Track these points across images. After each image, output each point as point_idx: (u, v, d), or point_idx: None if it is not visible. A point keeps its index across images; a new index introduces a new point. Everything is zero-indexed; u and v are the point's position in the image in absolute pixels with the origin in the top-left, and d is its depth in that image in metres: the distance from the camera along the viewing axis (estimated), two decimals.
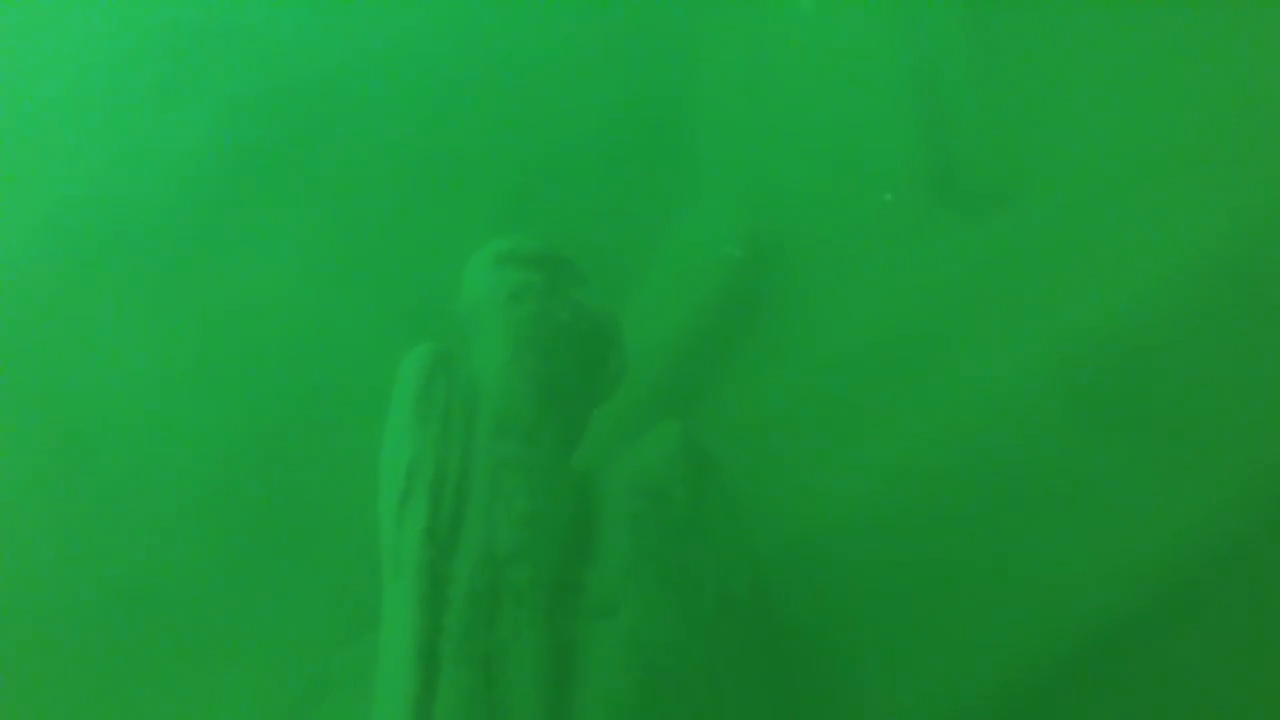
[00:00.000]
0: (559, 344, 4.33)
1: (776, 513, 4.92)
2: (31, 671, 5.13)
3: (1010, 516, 4.83)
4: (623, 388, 4.71)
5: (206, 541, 5.49)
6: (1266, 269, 4.96)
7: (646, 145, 6.26)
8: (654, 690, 3.96)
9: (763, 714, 4.37)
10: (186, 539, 5.52)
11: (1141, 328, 4.99)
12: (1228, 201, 5.15)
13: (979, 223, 5.67)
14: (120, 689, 5.16)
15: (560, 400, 4.29)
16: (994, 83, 6.11)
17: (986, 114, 5.99)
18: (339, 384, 5.66)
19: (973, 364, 5.21)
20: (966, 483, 4.95)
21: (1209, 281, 4.94)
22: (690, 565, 4.34)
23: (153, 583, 5.43)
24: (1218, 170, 5.25)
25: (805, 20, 6.51)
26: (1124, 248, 5.29)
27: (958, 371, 5.21)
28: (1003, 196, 5.72)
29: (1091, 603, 4.60)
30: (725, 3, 6.77)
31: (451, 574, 3.89)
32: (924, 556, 4.94)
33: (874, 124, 6.08)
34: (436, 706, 3.72)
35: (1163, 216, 5.23)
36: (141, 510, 5.63)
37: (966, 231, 5.66)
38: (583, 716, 3.81)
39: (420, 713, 3.69)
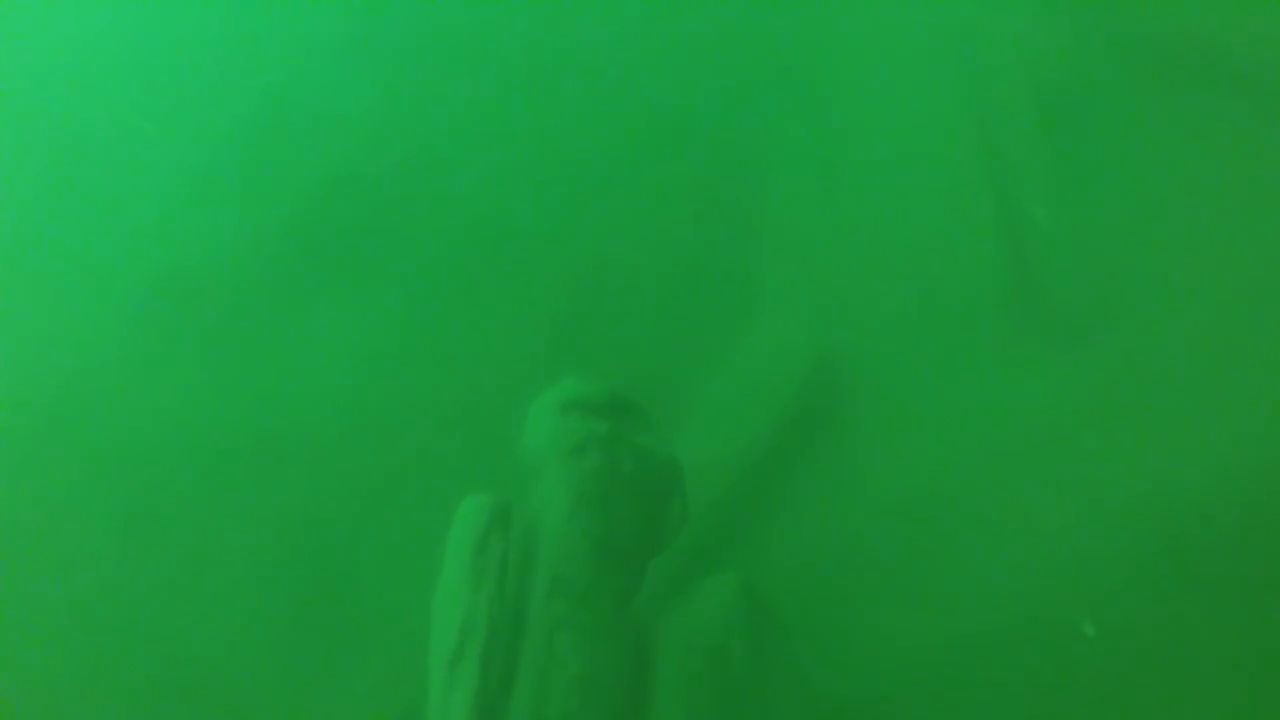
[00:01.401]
0: (621, 498, 4.23)
1: (841, 668, 4.73)
2: None
3: (1087, 689, 4.57)
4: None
5: (246, 632, 5.46)
6: None
7: (711, 259, 6.14)
8: None
9: None
10: (228, 627, 5.49)
11: (1237, 489, 4.68)
12: None
13: (1061, 356, 5.42)
14: None
15: (618, 555, 4.19)
16: (1084, 204, 5.86)
17: (1073, 237, 5.75)
18: (390, 499, 5.63)
19: (1051, 513, 4.96)
20: (1043, 645, 4.70)
21: None
22: None
23: (189, 668, 5.43)
24: None
25: (897, 175, 6.32)
26: (1222, 394, 4.98)
27: (1034, 520, 4.96)
28: (1087, 328, 5.45)
29: None
30: (797, 116, 6.65)
31: None
32: (993, 712, 4.71)
33: (952, 244, 5.88)
34: None
35: (1261, 374, 4.91)
36: (186, 594, 5.62)
37: (1047, 365, 5.41)
38: None
39: None
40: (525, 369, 5.53)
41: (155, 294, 6.69)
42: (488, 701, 3.85)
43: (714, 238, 6.29)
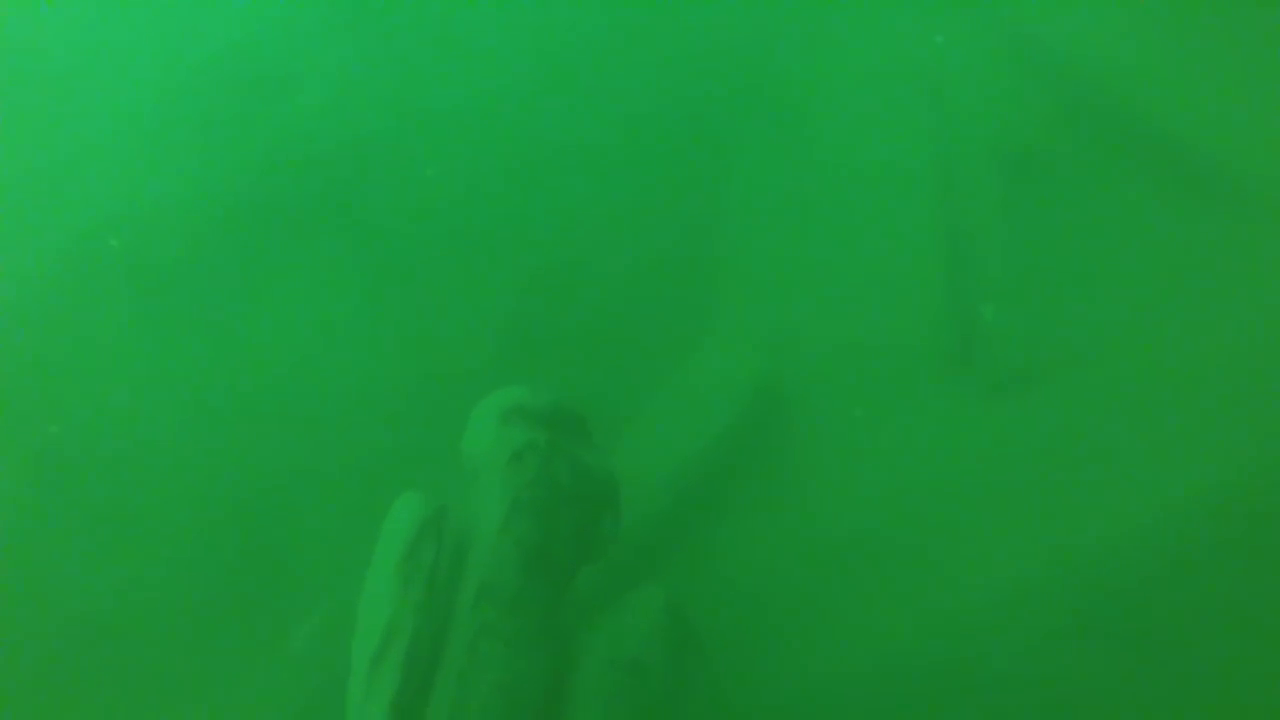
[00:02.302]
0: (556, 509, 4.26)
1: (758, 690, 4.81)
2: None
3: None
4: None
5: (166, 596, 5.39)
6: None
7: (665, 277, 6.19)
8: None
9: None
10: (149, 589, 5.41)
11: (1149, 550, 4.86)
12: (1258, 431, 5.03)
13: (1001, 400, 5.56)
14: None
15: (548, 565, 4.23)
16: (1028, 263, 6.02)
17: (1020, 289, 5.90)
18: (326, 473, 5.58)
19: (976, 558, 5.09)
20: (959, 684, 4.83)
21: (1224, 516, 4.83)
22: None
23: (116, 616, 5.36)
24: (1251, 397, 5.13)
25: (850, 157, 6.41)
26: (1143, 460, 5.16)
27: (961, 563, 5.09)
28: (1023, 378, 5.60)
29: None
30: (762, 143, 6.71)
31: None
32: None
33: (902, 285, 5.98)
34: None
35: (1187, 435, 5.10)
36: (113, 542, 5.54)
37: (987, 408, 5.55)
38: None
39: None
40: (472, 364, 5.52)
41: (93, 244, 6.53)
42: (406, 704, 3.86)
43: (670, 257, 6.34)
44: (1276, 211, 5.77)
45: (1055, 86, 6.50)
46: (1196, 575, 4.76)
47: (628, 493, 4.63)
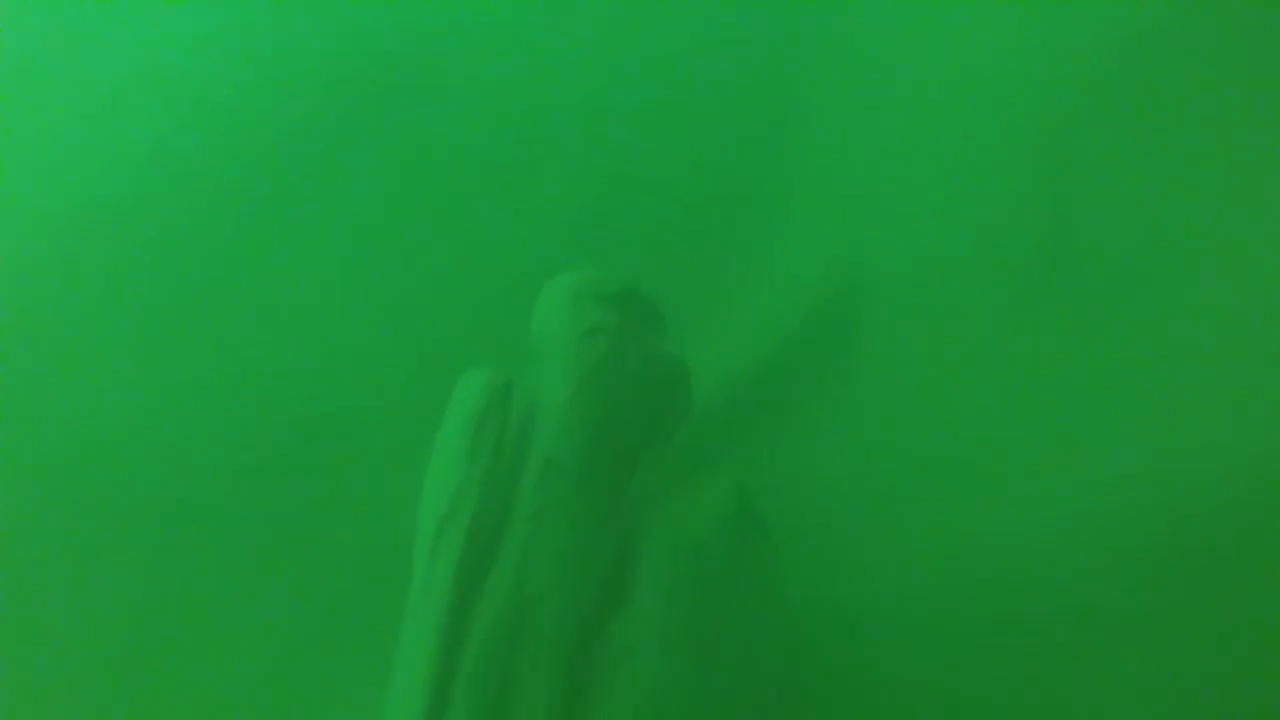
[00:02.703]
0: (623, 390, 4.25)
1: (816, 587, 4.78)
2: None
3: (1050, 644, 4.60)
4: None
5: (236, 526, 5.50)
6: None
7: (739, 179, 6.02)
8: None
9: None
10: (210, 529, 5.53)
11: (1231, 476, 4.63)
12: None
13: (1087, 321, 5.32)
14: (129, 639, 5.26)
15: (613, 444, 4.23)
16: (1136, 166, 5.68)
17: (1106, 209, 5.59)
18: (395, 383, 5.65)
19: (1053, 474, 4.93)
20: (1020, 598, 4.73)
21: None
22: (720, 632, 4.27)
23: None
24: None
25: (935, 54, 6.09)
26: (1230, 386, 4.90)
27: (1035, 478, 4.94)
28: (1107, 300, 5.34)
29: None
30: (844, 44, 6.42)
31: (478, 606, 3.91)
32: (957, 664, 4.74)
33: (990, 192, 5.73)
34: None
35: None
36: (158, 510, 5.63)
37: (1072, 328, 5.32)
38: None
39: None
40: (538, 261, 5.49)
41: (161, 147, 6.53)
42: (470, 568, 3.93)
43: (745, 157, 6.17)
44: None
45: None
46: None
47: (698, 384, 4.58)
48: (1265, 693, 4.34)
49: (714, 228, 5.84)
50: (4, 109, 6.46)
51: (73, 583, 5.36)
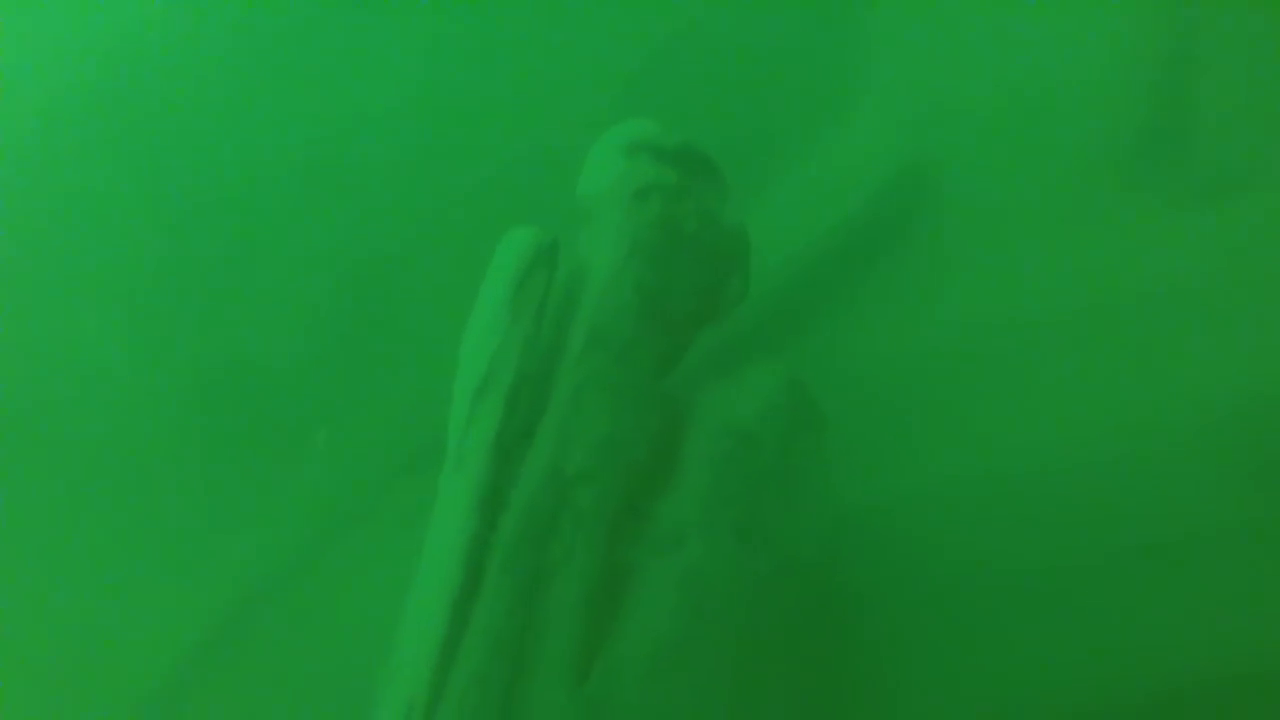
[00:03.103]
0: (678, 257, 3.87)
1: (870, 480, 4.49)
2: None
3: (1122, 550, 4.31)
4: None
5: (286, 338, 5.29)
6: None
7: (808, 41, 5.44)
8: (698, 634, 3.73)
9: (799, 681, 4.13)
10: (269, 333, 5.32)
11: None
12: None
13: (1187, 216, 4.81)
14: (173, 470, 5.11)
15: (664, 318, 3.88)
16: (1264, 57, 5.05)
17: (1242, 90, 4.98)
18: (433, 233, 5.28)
19: (1134, 373, 4.54)
20: (1080, 498, 4.42)
21: None
22: (765, 518, 4.02)
23: (232, 366, 5.33)
24: None
25: None
26: None
27: (1113, 377, 4.56)
28: (1228, 189, 4.80)
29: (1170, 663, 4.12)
30: None
31: (513, 482, 3.66)
32: (1010, 561, 4.49)
33: (1086, 65, 5.13)
34: (475, 610, 3.57)
35: None
36: (232, 296, 5.43)
37: (1168, 222, 4.82)
38: (620, 648, 3.62)
39: (457, 613, 3.55)
40: (590, 117, 5.03)
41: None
42: (507, 441, 3.66)
43: (815, 16, 5.59)
44: None
45: None
46: None
47: (757, 258, 4.19)
48: None
49: (785, 87, 5.31)
50: None
51: (110, 449, 5.17)
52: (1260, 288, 4.54)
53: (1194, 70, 5.04)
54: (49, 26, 6.09)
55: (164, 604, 4.87)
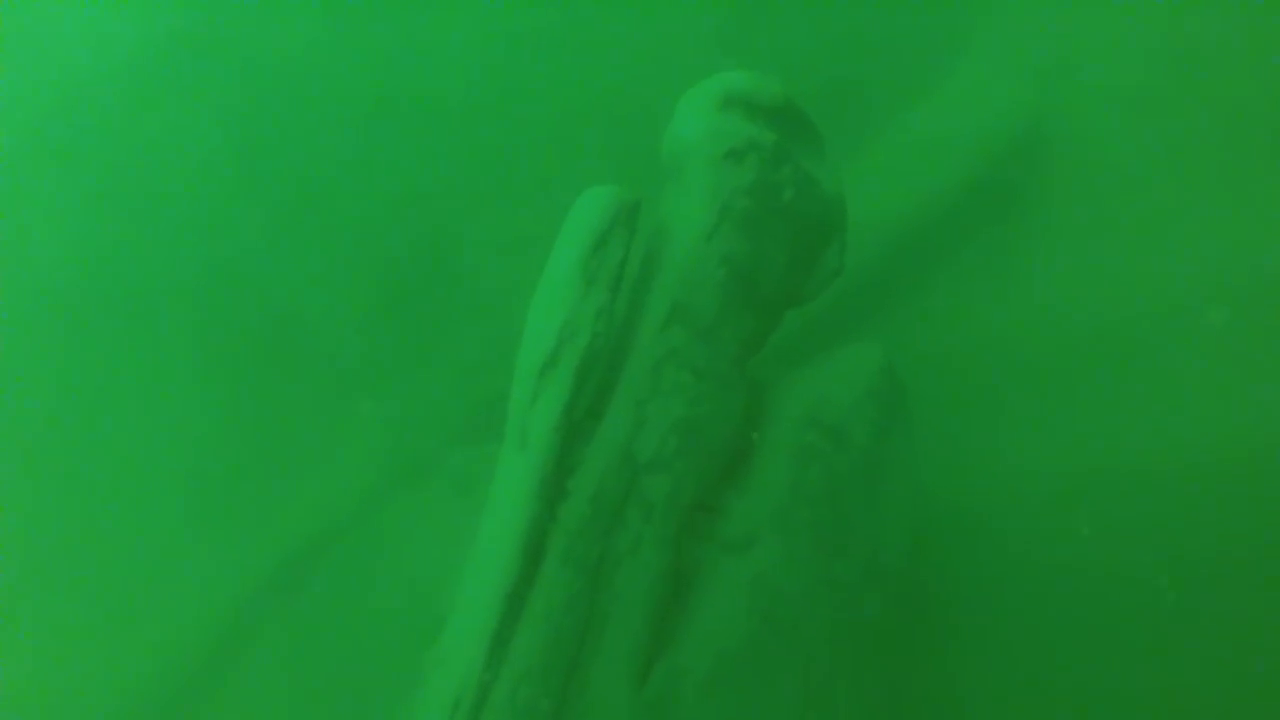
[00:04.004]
0: (773, 226, 3.46)
1: (956, 475, 4.09)
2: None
3: (1212, 560, 3.88)
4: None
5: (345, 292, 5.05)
6: None
7: None
8: (766, 644, 3.41)
9: (875, 700, 3.78)
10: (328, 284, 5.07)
11: None
12: None
13: None
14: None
15: (755, 294, 3.49)
16: None
17: None
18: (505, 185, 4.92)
19: (1251, 376, 4.05)
20: (1193, 504, 3.98)
21: None
22: (848, 520, 3.65)
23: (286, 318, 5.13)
24: None
25: None
26: None
27: (1227, 377, 4.07)
28: None
29: None
30: None
31: (580, 464, 3.33)
32: (1104, 567, 4.11)
33: (1229, 28, 4.54)
34: (530, 602, 3.27)
35: None
36: (291, 238, 5.21)
37: None
38: (683, 652, 3.31)
39: (511, 604, 3.26)
40: (678, 67, 4.61)
41: None
42: (574, 421, 3.32)
43: None
44: None
45: None
46: None
47: (855, 229, 3.76)
48: None
49: (890, 47, 4.82)
50: None
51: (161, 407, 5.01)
52: None
53: None
54: None
55: (215, 563, 4.74)
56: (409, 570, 4.62)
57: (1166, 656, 3.94)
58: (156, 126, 5.42)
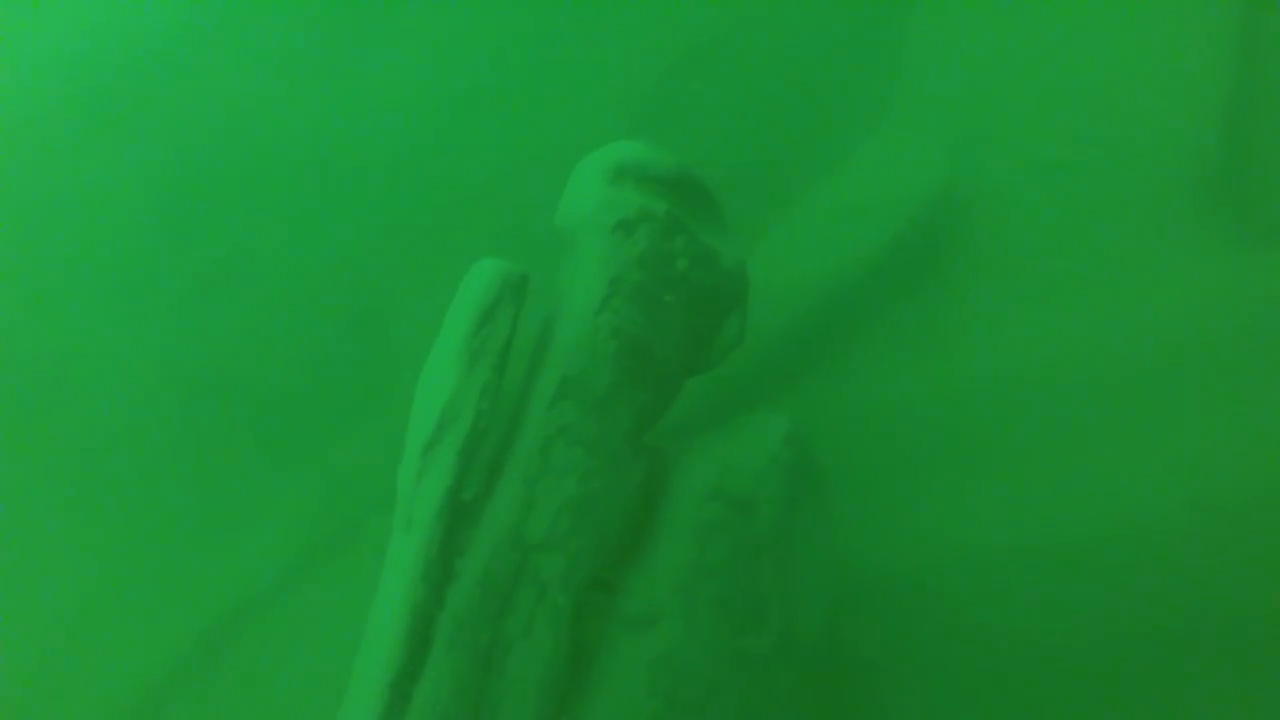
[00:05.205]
0: (665, 299, 3.40)
1: (875, 544, 4.01)
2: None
3: (1133, 632, 3.80)
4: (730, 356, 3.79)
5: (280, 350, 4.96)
6: None
7: (836, 60, 4.93)
8: None
9: None
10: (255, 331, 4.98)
11: None
12: None
13: (1251, 258, 4.27)
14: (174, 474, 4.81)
15: (649, 366, 3.42)
16: None
17: None
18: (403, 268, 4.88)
19: (1170, 431, 4.01)
20: (1118, 572, 3.91)
21: None
22: (759, 593, 3.55)
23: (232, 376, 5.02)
24: None
25: None
26: None
27: (1143, 434, 4.03)
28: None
29: None
30: None
31: (468, 546, 3.22)
32: (1030, 632, 4.02)
33: (1147, 90, 4.60)
34: (418, 690, 3.14)
35: None
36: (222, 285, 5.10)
37: (1227, 264, 4.29)
38: None
39: (396, 693, 3.13)
40: (599, 134, 4.58)
41: None
42: (460, 502, 3.21)
43: (845, 35, 5.08)
44: None
45: None
46: None
47: (760, 297, 3.72)
48: None
49: (798, 118, 4.81)
50: None
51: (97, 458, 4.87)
52: None
53: (1260, 105, 4.49)
54: (52, 26, 5.80)
55: (147, 620, 4.59)
56: (331, 638, 4.48)
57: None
58: (79, 187, 5.34)
